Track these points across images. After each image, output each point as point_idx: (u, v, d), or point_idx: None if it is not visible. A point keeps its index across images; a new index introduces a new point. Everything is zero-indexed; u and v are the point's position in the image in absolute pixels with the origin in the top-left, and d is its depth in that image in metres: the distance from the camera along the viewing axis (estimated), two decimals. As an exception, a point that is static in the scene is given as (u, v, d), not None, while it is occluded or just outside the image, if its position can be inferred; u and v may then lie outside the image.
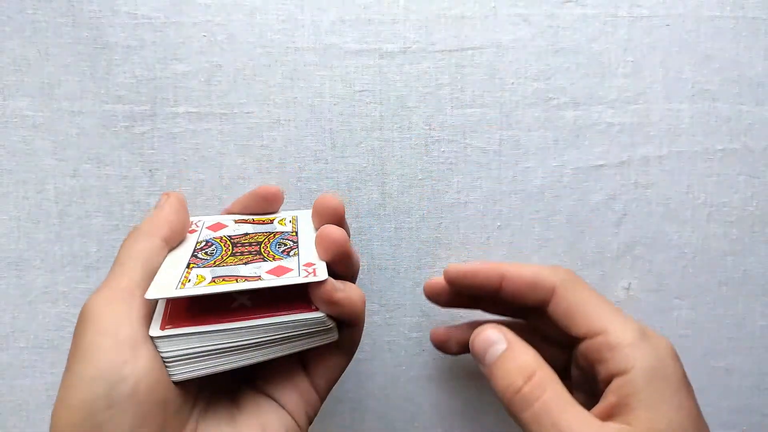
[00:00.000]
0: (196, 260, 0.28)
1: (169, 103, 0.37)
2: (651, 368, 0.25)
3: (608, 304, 0.28)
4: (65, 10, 0.36)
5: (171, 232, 0.29)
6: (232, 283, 0.25)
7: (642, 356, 0.25)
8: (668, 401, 0.24)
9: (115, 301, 0.25)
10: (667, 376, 0.25)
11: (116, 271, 0.26)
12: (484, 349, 0.27)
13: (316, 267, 0.27)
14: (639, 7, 0.37)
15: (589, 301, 0.28)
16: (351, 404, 0.39)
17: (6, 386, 0.38)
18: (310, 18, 0.37)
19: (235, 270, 0.27)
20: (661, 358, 0.25)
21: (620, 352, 0.25)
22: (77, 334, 0.24)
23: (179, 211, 0.30)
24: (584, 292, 0.28)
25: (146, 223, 0.29)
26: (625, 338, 0.26)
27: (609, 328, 0.26)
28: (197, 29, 0.36)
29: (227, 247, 0.30)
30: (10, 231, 0.37)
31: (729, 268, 0.39)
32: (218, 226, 0.32)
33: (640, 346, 0.25)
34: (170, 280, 0.26)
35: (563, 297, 0.28)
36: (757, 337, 0.39)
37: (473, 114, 0.38)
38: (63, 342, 0.38)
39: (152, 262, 0.27)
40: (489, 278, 0.31)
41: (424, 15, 0.37)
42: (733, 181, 0.38)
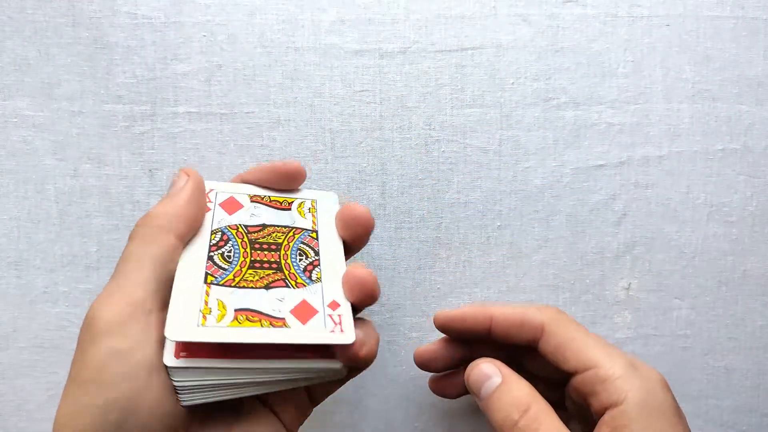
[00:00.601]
0: (213, 268, 0.26)
1: (169, 103, 0.37)
2: (642, 399, 0.25)
3: (597, 339, 0.28)
4: (65, 10, 0.36)
5: (188, 228, 0.27)
6: (256, 327, 0.24)
7: (633, 388, 0.25)
8: (661, 430, 0.25)
9: (130, 317, 0.23)
10: (659, 406, 0.25)
11: (129, 275, 0.24)
12: (480, 383, 0.28)
13: (343, 317, 0.25)
14: (639, 7, 0.37)
15: (578, 337, 0.28)
16: (351, 404, 0.39)
17: (6, 386, 0.38)
18: (310, 18, 0.37)
19: (258, 299, 0.25)
20: (651, 389, 0.26)
21: (611, 384, 0.26)
22: (86, 346, 0.23)
23: (198, 200, 0.28)
24: (572, 328, 0.29)
25: (160, 214, 0.26)
26: (615, 371, 0.26)
27: (599, 362, 0.27)
28: (197, 29, 0.36)
29: (245, 250, 0.27)
30: (10, 231, 0.37)
31: (729, 268, 0.39)
32: (233, 205, 0.29)
33: (631, 378, 0.26)
34: (189, 311, 0.23)
35: (552, 334, 0.29)
36: (757, 337, 0.39)
37: (473, 114, 0.38)
38: (63, 342, 0.38)
39: (167, 268, 0.25)
40: (477, 321, 0.31)
41: (424, 15, 0.37)
42: (733, 181, 0.38)
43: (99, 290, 0.37)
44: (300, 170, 0.31)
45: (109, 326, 0.23)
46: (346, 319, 0.25)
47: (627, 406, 0.25)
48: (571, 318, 0.30)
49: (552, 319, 0.29)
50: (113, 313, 0.23)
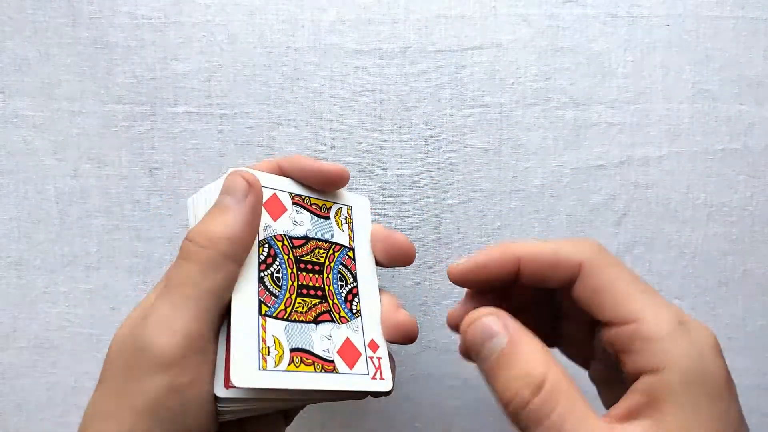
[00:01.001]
0: (265, 294, 0.26)
1: (169, 103, 0.37)
2: (688, 368, 0.21)
3: (642, 286, 0.23)
4: (65, 10, 0.36)
5: (247, 253, 0.25)
6: (310, 372, 0.25)
7: (679, 353, 0.21)
8: (706, 408, 0.21)
9: (189, 352, 0.23)
10: (708, 378, 0.21)
11: (188, 306, 0.23)
12: (480, 342, 0.23)
13: (382, 360, 0.28)
14: (639, 7, 0.37)
15: (621, 282, 0.23)
16: (351, 404, 0.39)
17: (6, 386, 0.38)
18: (310, 18, 0.37)
19: (309, 337, 0.26)
20: (702, 356, 0.21)
21: (654, 345, 0.21)
22: (141, 375, 0.22)
23: (257, 219, 0.26)
24: (615, 270, 0.23)
25: (222, 238, 0.24)
26: (660, 329, 0.21)
27: (642, 316, 0.22)
28: (197, 29, 0.36)
29: (292, 271, 0.27)
30: (10, 231, 0.37)
31: (729, 268, 0.39)
32: (276, 207, 0.28)
33: (678, 340, 0.21)
34: (249, 352, 0.24)
35: (590, 276, 0.24)
36: (757, 337, 0.39)
37: (473, 114, 0.38)
38: (63, 342, 0.38)
39: (225, 298, 0.24)
40: (503, 267, 0.25)
41: (424, 15, 0.37)
42: (733, 181, 0.38)
43: (99, 290, 0.37)
44: (344, 176, 0.30)
45: (169, 361, 0.22)
46: (384, 362, 0.28)
47: (669, 374, 0.21)
48: (613, 257, 0.24)
49: (592, 257, 0.24)
50: (173, 347, 0.22)
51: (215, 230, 0.24)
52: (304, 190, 0.29)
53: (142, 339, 0.22)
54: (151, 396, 0.22)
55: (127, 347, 0.23)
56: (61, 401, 0.38)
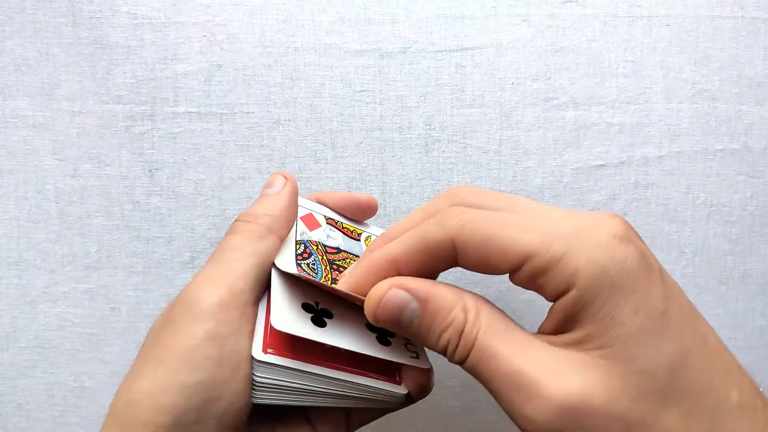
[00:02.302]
0: (304, 273, 0.26)
1: (169, 103, 0.37)
2: (596, 274, 0.19)
3: (521, 220, 0.21)
4: (65, 10, 0.36)
5: (287, 231, 0.27)
6: None
7: (580, 264, 0.20)
8: (622, 306, 0.19)
9: (231, 304, 0.23)
10: (614, 278, 0.19)
11: (231, 265, 0.24)
12: (397, 318, 0.22)
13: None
14: (639, 7, 0.37)
15: (494, 233, 0.21)
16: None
17: (6, 386, 0.38)
18: (310, 18, 0.37)
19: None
20: (606, 255, 0.20)
21: (551, 273, 0.20)
22: (182, 325, 0.23)
23: (295, 204, 0.29)
24: (484, 227, 0.22)
25: (264, 214, 0.27)
26: (553, 253, 0.20)
27: (530, 250, 0.21)
28: (197, 29, 0.36)
29: (326, 267, 0.28)
30: (10, 231, 0.37)
31: (729, 268, 0.39)
32: (312, 222, 0.30)
33: (575, 253, 0.20)
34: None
35: (464, 247, 0.22)
36: (757, 337, 0.39)
37: (473, 114, 0.38)
38: (63, 342, 0.38)
39: (267, 266, 0.25)
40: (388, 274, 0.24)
41: (424, 15, 0.37)
42: (733, 181, 0.38)
43: (99, 290, 0.37)
44: (373, 205, 0.32)
45: (211, 309, 0.23)
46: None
47: (578, 291, 0.20)
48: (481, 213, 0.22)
49: (458, 231, 0.22)
50: (216, 298, 0.23)
51: (257, 210, 0.27)
52: (338, 216, 0.32)
53: (187, 293, 0.23)
54: (191, 344, 0.22)
55: (170, 308, 0.24)
56: (61, 401, 0.38)
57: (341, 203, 0.32)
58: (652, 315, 0.19)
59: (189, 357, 0.22)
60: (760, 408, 0.20)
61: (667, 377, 0.19)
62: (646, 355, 0.19)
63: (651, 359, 0.19)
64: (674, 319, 0.20)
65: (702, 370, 0.19)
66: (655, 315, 0.19)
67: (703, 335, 0.20)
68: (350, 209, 0.32)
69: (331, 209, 0.32)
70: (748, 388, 0.20)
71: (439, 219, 0.23)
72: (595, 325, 0.20)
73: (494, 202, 0.23)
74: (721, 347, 0.21)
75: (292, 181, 0.29)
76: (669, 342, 0.19)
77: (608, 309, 0.19)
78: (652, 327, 0.19)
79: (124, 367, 0.37)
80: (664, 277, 0.20)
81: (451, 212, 0.22)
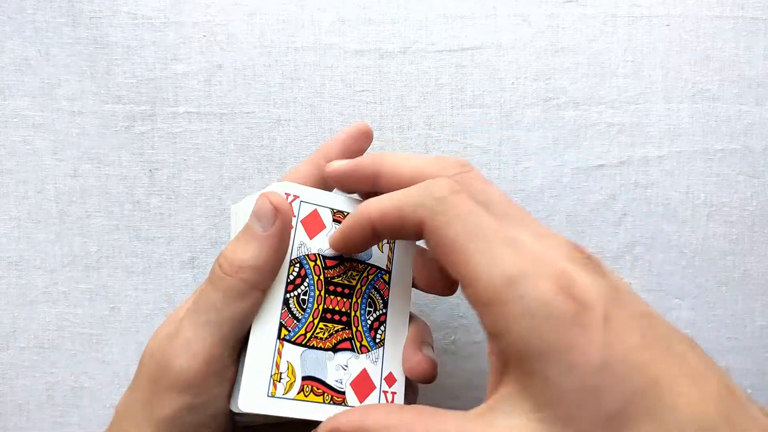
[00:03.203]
0: (288, 317, 0.26)
1: (169, 103, 0.37)
2: (521, 333, 0.19)
3: (485, 235, 0.20)
4: (65, 10, 0.36)
5: (272, 280, 0.25)
6: (318, 402, 0.26)
7: (510, 317, 0.19)
8: (553, 364, 0.18)
9: (208, 374, 0.24)
10: (545, 334, 0.19)
11: (211, 330, 0.24)
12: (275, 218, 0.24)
13: (396, 395, 0.27)
14: (639, 7, 0.37)
15: (459, 240, 0.21)
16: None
17: (6, 386, 0.38)
18: (310, 18, 0.37)
19: (323, 366, 0.26)
20: (533, 315, 0.19)
21: (487, 310, 0.20)
22: (162, 390, 0.24)
23: (285, 245, 0.25)
24: (456, 225, 0.21)
25: (247, 267, 0.24)
26: (491, 292, 0.19)
27: (476, 278, 0.20)
28: (197, 29, 0.36)
29: (320, 293, 0.27)
30: (10, 231, 0.37)
31: (729, 268, 0.39)
32: (315, 224, 0.27)
33: (508, 303, 0.19)
34: (261, 376, 0.25)
35: (431, 236, 0.22)
36: (757, 337, 0.39)
37: (473, 114, 0.38)
38: (63, 342, 0.38)
39: (248, 324, 0.25)
40: (362, 233, 0.25)
41: (424, 15, 0.37)
42: (733, 181, 0.38)
43: (99, 290, 0.37)
44: (367, 131, 0.29)
45: (188, 382, 0.23)
46: (398, 398, 0.27)
47: (505, 340, 0.19)
48: (459, 204, 0.21)
49: (431, 215, 0.21)
50: (192, 370, 0.23)
51: (241, 258, 0.24)
52: (349, 204, 0.28)
53: (166, 358, 0.24)
54: (170, 412, 0.23)
55: (155, 361, 0.24)
56: (61, 401, 0.38)
57: (347, 145, 0.29)
58: (588, 372, 0.18)
59: (170, 422, 0.24)
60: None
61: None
62: (583, 416, 0.18)
63: (589, 420, 0.18)
64: (615, 369, 0.18)
65: (649, 414, 0.18)
66: (592, 371, 0.18)
67: (654, 376, 0.18)
68: (357, 145, 0.29)
69: (341, 156, 0.29)
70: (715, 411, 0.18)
71: (422, 190, 0.22)
72: (529, 380, 0.19)
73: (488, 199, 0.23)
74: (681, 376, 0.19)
75: (284, 217, 0.25)
76: (608, 397, 0.18)
77: (540, 366, 0.18)
78: (589, 384, 0.18)
79: (124, 367, 0.37)
80: (608, 322, 0.18)
81: (433, 188, 0.22)
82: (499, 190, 0.24)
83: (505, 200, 0.23)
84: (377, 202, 0.24)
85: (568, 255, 0.21)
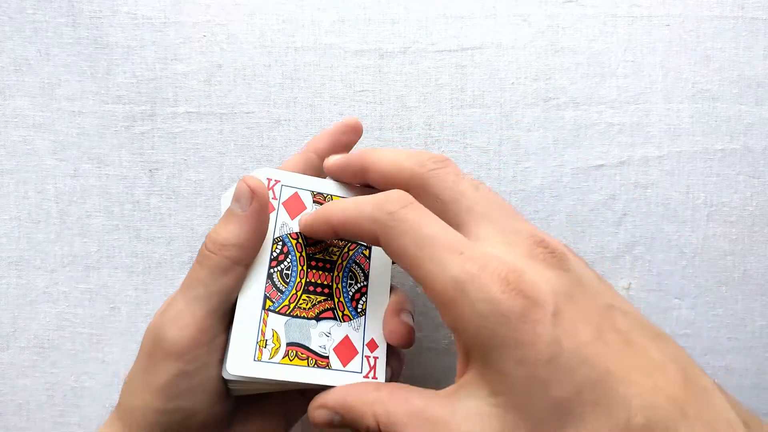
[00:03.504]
0: (272, 290, 0.27)
1: (169, 103, 0.37)
2: (473, 329, 0.20)
3: (433, 244, 0.22)
4: (65, 10, 0.36)
5: (254, 256, 0.27)
6: (302, 366, 0.27)
7: (461, 316, 0.21)
8: (505, 359, 0.20)
9: (199, 343, 0.25)
10: (503, 326, 0.20)
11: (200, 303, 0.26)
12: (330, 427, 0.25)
13: (378, 360, 0.28)
14: (639, 7, 0.37)
15: (409, 251, 0.22)
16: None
17: (6, 386, 0.38)
18: (310, 18, 0.37)
19: (307, 334, 0.28)
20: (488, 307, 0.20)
21: (442, 309, 0.22)
22: (156, 360, 0.25)
23: (264, 224, 0.27)
24: (405, 240, 0.23)
25: (230, 245, 0.26)
26: (441, 294, 0.21)
27: (427, 281, 0.22)
28: (197, 29, 0.36)
29: (302, 268, 0.28)
30: (10, 231, 0.37)
31: (729, 268, 0.39)
32: (296, 205, 0.29)
33: (457, 304, 0.21)
34: (247, 343, 0.26)
35: (386, 246, 0.24)
36: (757, 337, 0.39)
37: (473, 114, 0.38)
38: (63, 342, 0.38)
39: (233, 296, 0.27)
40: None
41: (424, 15, 0.37)
42: (733, 181, 0.38)
43: (99, 290, 0.37)
44: (357, 127, 0.31)
45: (180, 350, 0.25)
46: (380, 362, 0.28)
47: (462, 335, 0.21)
48: (410, 215, 0.23)
49: (384, 229, 0.23)
50: (184, 339, 0.25)
51: (223, 236, 0.26)
52: (328, 188, 0.30)
53: (159, 330, 0.26)
54: (165, 379, 0.25)
55: (150, 335, 0.26)
56: (61, 401, 0.38)
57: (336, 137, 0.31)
58: (537, 365, 0.19)
59: (165, 389, 0.25)
60: None
61: (557, 425, 0.19)
62: (534, 403, 0.19)
63: (538, 408, 0.19)
64: (564, 362, 0.19)
65: (598, 404, 0.19)
66: (540, 364, 0.19)
67: (605, 368, 0.19)
68: (347, 138, 0.31)
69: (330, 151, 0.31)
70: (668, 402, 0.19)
71: (375, 208, 0.24)
72: (486, 370, 0.21)
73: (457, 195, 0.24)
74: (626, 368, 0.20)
75: (260, 198, 0.26)
76: (556, 387, 0.19)
77: (494, 359, 0.20)
78: (538, 376, 0.19)
79: (124, 367, 0.37)
80: (558, 317, 0.20)
81: (392, 203, 0.23)
82: (474, 182, 0.25)
83: (475, 194, 0.24)
84: (340, 209, 0.26)
85: (528, 251, 0.22)
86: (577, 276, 0.22)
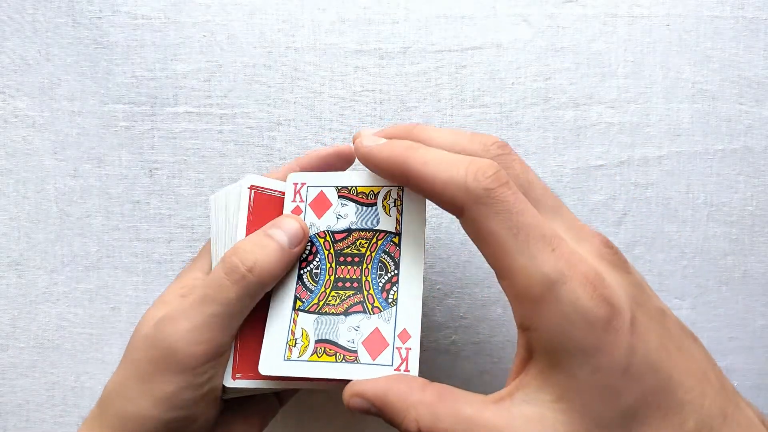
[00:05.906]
0: (302, 290, 0.28)
1: (169, 103, 0.37)
2: (553, 334, 0.19)
3: (526, 235, 0.20)
4: (65, 10, 0.36)
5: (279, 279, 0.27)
6: (331, 362, 0.27)
7: (545, 318, 0.20)
8: (577, 367, 0.19)
9: (212, 358, 0.25)
10: (586, 333, 0.19)
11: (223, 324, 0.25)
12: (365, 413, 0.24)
13: (411, 351, 0.27)
14: (639, 7, 0.37)
15: (497, 234, 0.21)
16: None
17: (6, 386, 0.38)
18: (310, 18, 0.37)
19: (335, 330, 0.27)
20: (568, 321, 0.19)
21: (523, 306, 0.20)
22: (164, 369, 0.25)
23: (294, 265, 0.28)
24: (495, 220, 0.21)
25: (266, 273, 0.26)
26: (528, 291, 0.20)
27: (514, 274, 0.20)
28: (197, 29, 0.36)
29: (331, 265, 0.28)
30: (10, 231, 0.37)
31: (729, 268, 0.39)
32: (323, 203, 0.29)
33: (545, 305, 0.20)
34: (278, 344, 0.27)
35: (470, 225, 0.22)
36: (757, 337, 0.39)
37: (473, 114, 0.38)
38: (63, 342, 0.38)
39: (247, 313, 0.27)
40: (393, 174, 0.25)
41: (424, 15, 0.37)
42: (733, 181, 0.38)
43: (99, 290, 0.37)
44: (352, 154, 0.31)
45: (193, 366, 0.25)
46: (413, 354, 0.27)
47: (536, 334, 0.20)
48: (508, 197, 0.21)
49: (476, 205, 0.21)
50: (197, 356, 0.25)
51: (263, 263, 0.26)
52: (352, 180, 0.29)
53: (170, 342, 0.25)
54: (170, 390, 0.25)
55: (155, 344, 0.25)
56: (61, 401, 0.38)
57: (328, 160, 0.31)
58: (612, 374, 0.19)
59: (169, 399, 0.25)
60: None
61: (622, 431, 0.19)
62: (602, 410, 0.19)
63: (608, 415, 0.19)
64: (636, 369, 0.19)
65: (660, 410, 0.19)
66: (616, 374, 0.19)
67: (667, 374, 0.19)
68: (340, 165, 0.31)
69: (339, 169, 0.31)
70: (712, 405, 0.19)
71: (471, 179, 0.21)
72: (553, 373, 0.20)
73: (525, 185, 0.23)
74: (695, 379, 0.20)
75: (305, 242, 0.28)
76: (626, 395, 0.19)
77: (567, 364, 0.19)
78: (613, 384, 0.19)
79: (124, 367, 0.37)
80: (634, 325, 0.19)
81: (491, 179, 0.21)
82: (536, 174, 0.24)
83: (542, 187, 0.23)
84: (422, 161, 0.23)
85: (597, 251, 0.22)
86: (637, 279, 0.22)
